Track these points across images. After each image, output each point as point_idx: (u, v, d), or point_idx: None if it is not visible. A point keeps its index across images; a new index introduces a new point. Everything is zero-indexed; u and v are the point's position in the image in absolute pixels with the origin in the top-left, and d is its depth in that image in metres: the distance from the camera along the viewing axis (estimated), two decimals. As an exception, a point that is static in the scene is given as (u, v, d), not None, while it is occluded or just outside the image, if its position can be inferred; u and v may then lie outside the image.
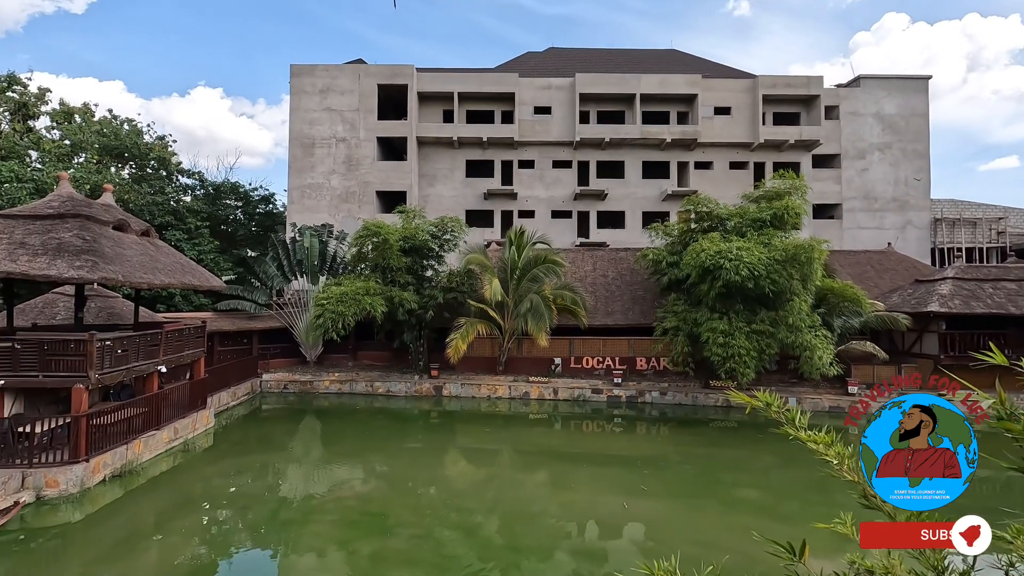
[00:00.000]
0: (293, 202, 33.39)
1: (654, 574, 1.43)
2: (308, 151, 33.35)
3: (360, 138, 33.36)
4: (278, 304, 25.84)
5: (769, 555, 1.63)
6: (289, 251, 26.11)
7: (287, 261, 25.95)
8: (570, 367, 24.18)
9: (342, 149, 33.38)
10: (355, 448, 16.48)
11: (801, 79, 34.65)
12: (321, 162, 33.34)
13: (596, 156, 34.59)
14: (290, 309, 25.51)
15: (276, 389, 23.27)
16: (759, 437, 17.20)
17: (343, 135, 33.39)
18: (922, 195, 35.43)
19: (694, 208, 22.32)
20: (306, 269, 25.71)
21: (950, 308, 20.48)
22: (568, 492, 13.04)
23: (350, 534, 10.52)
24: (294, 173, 33.38)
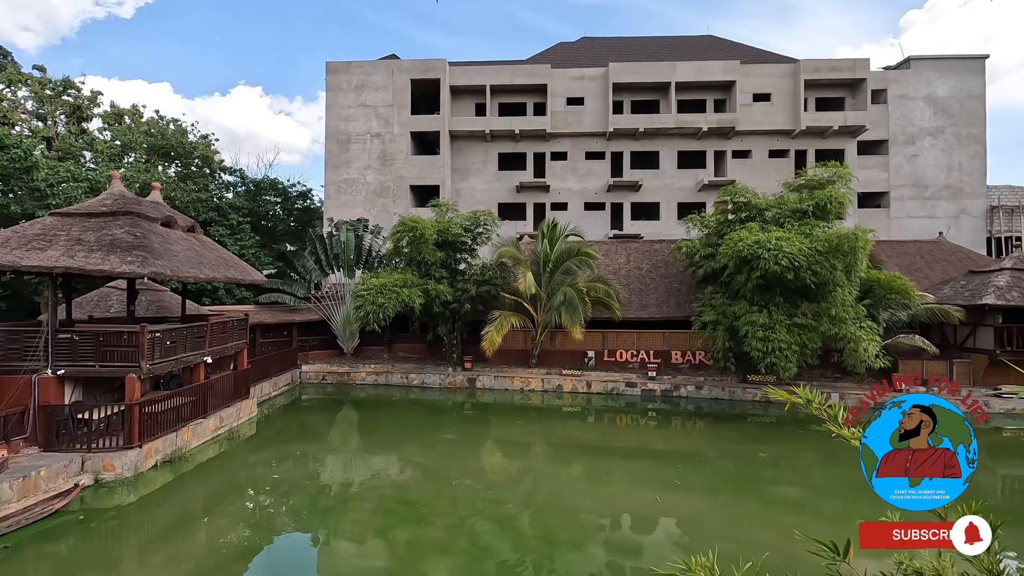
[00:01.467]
0: (330, 197, 34.08)
1: (692, 569, 1.41)
2: (344, 147, 33.95)
3: (394, 133, 33.75)
4: (316, 297, 26.49)
5: (811, 554, 1.59)
6: (326, 245, 26.71)
7: (324, 255, 26.56)
8: (603, 360, 24.02)
9: (376, 144, 33.84)
10: (391, 438, 16.80)
11: (846, 62, 33.25)
12: (356, 158, 33.89)
13: (630, 147, 34.07)
14: (327, 302, 26.12)
15: (315, 380, 23.90)
16: (800, 433, 16.75)
17: (377, 130, 33.84)
18: (978, 181, 33.61)
19: (731, 198, 21.77)
20: (342, 263, 26.27)
21: (1008, 300, 19.44)
22: (602, 485, 13.00)
23: (387, 522, 10.75)
24: (330, 169, 34.05)
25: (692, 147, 33.85)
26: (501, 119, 33.74)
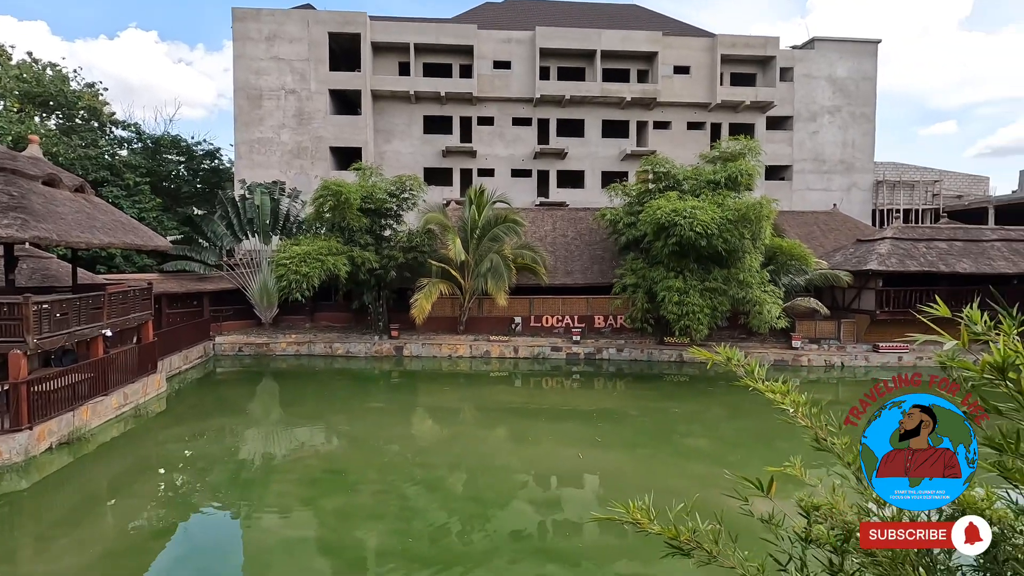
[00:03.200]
0: (241, 157, 31.79)
1: (630, 512, 1.51)
2: (255, 103, 31.59)
3: (311, 90, 31.79)
4: (229, 265, 24.94)
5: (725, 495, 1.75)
6: (239, 209, 25.01)
7: (237, 220, 24.90)
8: (530, 326, 24.53)
9: (292, 102, 31.77)
10: (315, 409, 16.40)
11: (759, 40, 34.85)
12: (270, 115, 31.69)
13: (556, 114, 34.17)
14: (242, 270, 24.67)
15: (231, 352, 22.71)
16: (710, 390, 18.07)
17: (293, 87, 31.72)
18: (867, 158, 36.80)
19: (652, 168, 22.54)
20: (257, 228, 24.77)
21: (887, 266, 21.69)
22: (528, 446, 13.46)
23: (313, 492, 10.59)
24: (241, 127, 31.66)
25: (616, 116, 34.48)
26: (426, 80, 32.64)
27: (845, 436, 1.63)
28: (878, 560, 1.49)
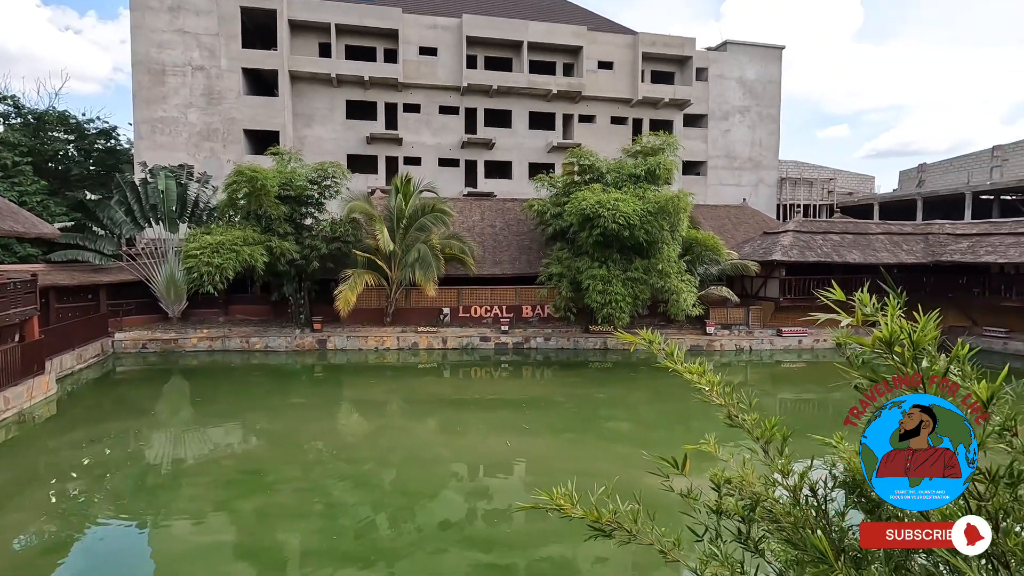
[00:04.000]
0: (142, 138, 29.24)
1: (553, 499, 1.54)
2: (158, 79, 29.11)
3: (222, 68, 29.70)
4: (129, 255, 22.94)
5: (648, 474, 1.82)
6: (140, 194, 22.99)
7: (138, 206, 22.89)
8: (459, 316, 24.43)
9: (200, 79, 29.55)
10: (231, 407, 15.51)
11: (677, 40, 36.34)
12: (175, 93, 29.32)
13: (484, 104, 34.02)
14: (145, 260, 22.75)
15: (133, 349, 20.97)
16: (632, 376, 18.83)
17: (201, 63, 29.49)
18: (773, 156, 39.51)
19: (577, 161, 23.02)
20: (162, 215, 22.90)
21: (789, 257, 23.48)
22: (457, 436, 13.45)
23: (229, 494, 10.03)
24: (141, 104, 29.08)
25: (543, 108, 34.84)
26: (349, 63, 31.43)
27: (754, 413, 1.74)
28: (782, 526, 1.61)
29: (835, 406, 15.08)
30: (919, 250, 24.81)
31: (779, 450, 1.70)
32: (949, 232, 25.58)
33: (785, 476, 1.67)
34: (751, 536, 1.64)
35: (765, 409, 1.80)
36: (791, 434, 1.77)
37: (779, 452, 1.70)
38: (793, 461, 1.71)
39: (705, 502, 1.75)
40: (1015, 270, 22.80)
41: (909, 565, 1.60)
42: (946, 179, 40.71)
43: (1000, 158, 37.91)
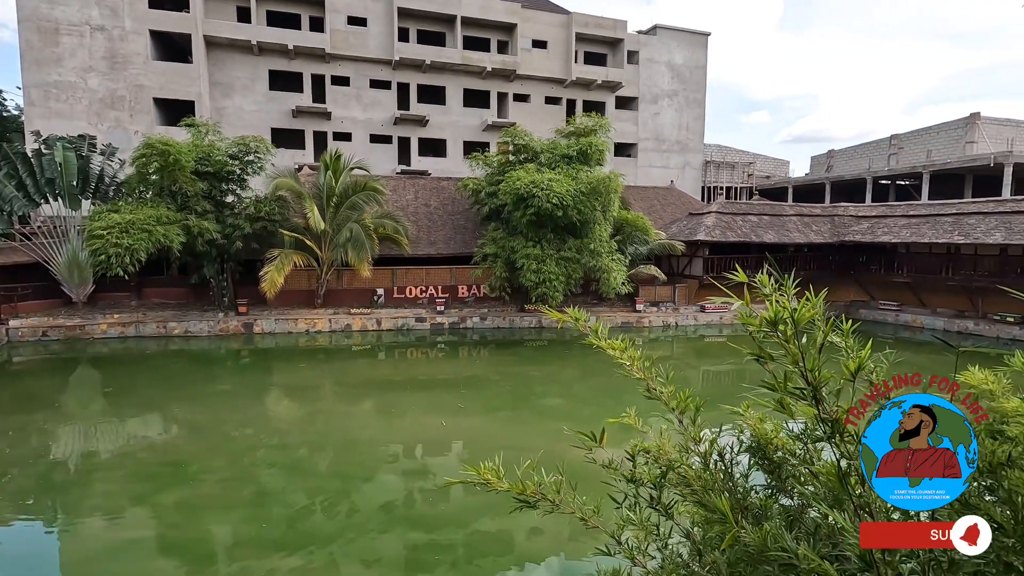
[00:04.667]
0: (34, 104, 26.39)
1: (481, 474, 1.60)
2: (50, 39, 26.24)
3: (126, 29, 27.17)
4: (24, 234, 20.85)
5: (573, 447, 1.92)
6: (33, 167, 20.81)
7: (31, 180, 20.71)
8: (393, 297, 24.04)
9: (101, 41, 26.92)
10: (148, 397, 14.60)
11: (609, 21, 36.76)
12: (71, 55, 26.57)
13: (417, 79, 33.15)
14: (43, 240, 20.74)
15: (31, 337, 19.22)
16: (566, 353, 19.33)
17: (100, 22, 26.83)
18: (699, 140, 41.12)
19: (512, 140, 23.03)
20: (61, 190, 20.86)
21: (712, 237, 24.70)
22: (393, 418, 13.37)
23: (148, 488, 9.52)
24: (31, 66, 26.17)
25: (477, 86, 34.40)
26: (271, 30, 29.62)
27: (671, 386, 1.87)
28: (694, 490, 1.75)
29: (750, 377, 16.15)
30: (826, 230, 26.79)
31: (692, 420, 1.85)
32: (852, 214, 27.76)
33: (697, 443, 1.82)
34: (662, 501, 1.78)
35: (689, 381, 1.93)
36: (703, 404, 1.92)
37: (692, 421, 1.84)
38: (705, 429, 1.86)
39: (623, 472, 1.87)
40: (906, 249, 25.14)
41: (802, 519, 1.79)
42: (851, 165, 43.98)
43: (896, 146, 41.38)
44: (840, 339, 1.44)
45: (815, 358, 1.31)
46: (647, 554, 1.75)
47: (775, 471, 1.94)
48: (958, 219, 22.75)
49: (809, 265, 26.59)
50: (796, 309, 1.31)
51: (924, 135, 40.09)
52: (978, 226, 21.74)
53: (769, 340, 1.37)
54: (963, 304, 23.18)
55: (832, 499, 1.49)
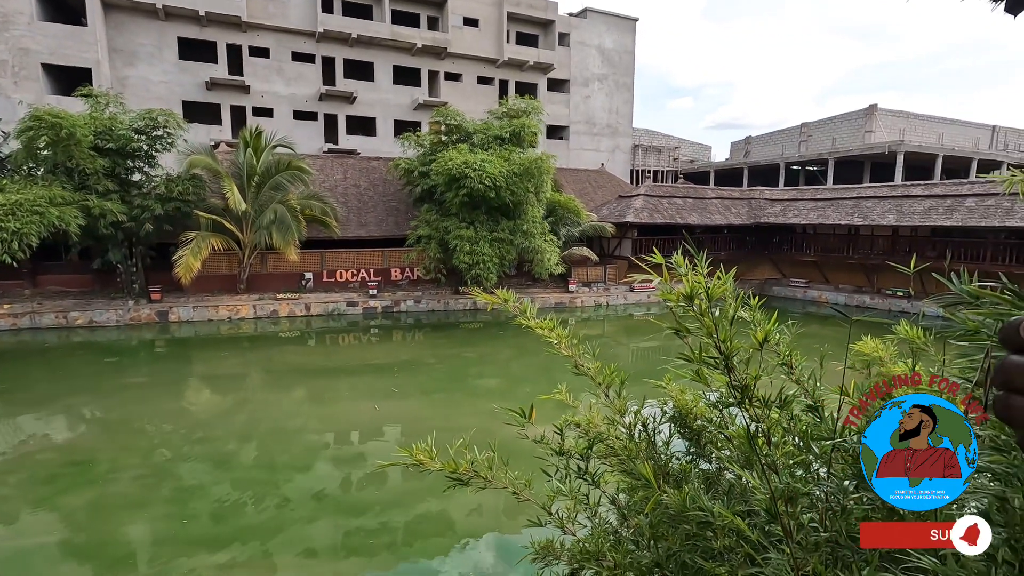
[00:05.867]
0: None
1: (413, 455, 1.59)
2: (-92, -10, 22.93)
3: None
4: None
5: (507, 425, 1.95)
6: None
7: None
8: (323, 281, 23.23)
9: (-26, -4, 23.82)
10: (48, 393, 13.38)
11: (540, 1, 36.66)
12: (-63, 10, 23.37)
13: (343, 53, 31.75)
14: (-90, 221, 18.31)
15: (-99, 331, 17.06)
16: (501, 334, 19.49)
17: (-27, -25, 23.72)
18: (628, 124, 42.14)
19: (444, 120, 22.64)
20: (-69, 166, 18.51)
21: (640, 219, 25.54)
22: (324, 405, 13.02)
23: (50, 490, 8.79)
24: None
25: (407, 63, 33.45)
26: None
27: (597, 362, 1.94)
28: (620, 459, 1.83)
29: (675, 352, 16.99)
30: (744, 213, 28.38)
31: (617, 393, 1.92)
32: (767, 197, 29.53)
33: (622, 415, 1.90)
34: (589, 471, 1.86)
35: (619, 358, 2.01)
36: (630, 379, 2.00)
37: (618, 395, 1.92)
38: (632, 402, 1.94)
39: (553, 446, 1.93)
40: (814, 230, 27.10)
41: (719, 481, 1.92)
42: (766, 150, 46.66)
43: (806, 134, 44.28)
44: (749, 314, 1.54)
45: (726, 330, 1.40)
46: (577, 523, 1.82)
47: (695, 438, 2.07)
48: (857, 202, 24.75)
49: (729, 245, 28.11)
50: (710, 285, 1.39)
51: (830, 124, 43.13)
52: (874, 209, 23.75)
53: (687, 315, 1.44)
54: (861, 280, 25.36)
55: (744, 461, 1.61)
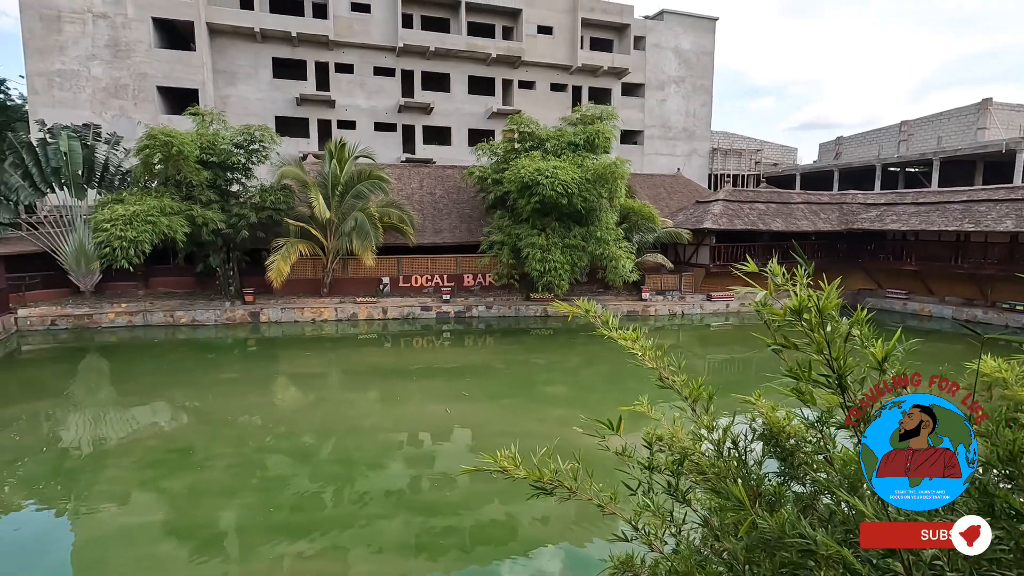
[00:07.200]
0: (37, 93, 26.36)
1: (498, 462, 1.58)
2: (52, 27, 26.15)
3: (128, 16, 27.02)
4: (30, 223, 20.92)
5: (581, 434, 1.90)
6: (39, 156, 20.83)
7: (37, 169, 20.74)
8: (399, 286, 24.06)
9: (104, 28, 26.80)
10: (156, 385, 14.71)
11: (615, 6, 36.29)
12: (74, 43, 26.48)
13: (421, 66, 32.89)
14: (50, 229, 20.83)
15: (40, 326, 19.35)
16: (571, 341, 19.32)
17: (103, 10, 26.69)
18: (705, 127, 40.71)
19: (517, 128, 22.86)
20: (67, 180, 20.91)
21: (719, 225, 24.54)
22: (398, 406, 13.42)
23: (155, 473, 9.62)
24: (34, 55, 26.10)
25: (482, 73, 34.11)
26: (274, 17, 29.40)
27: (683, 375, 1.85)
28: (708, 477, 1.73)
29: (757, 364, 16.16)
30: (835, 218, 26.56)
31: (705, 408, 1.83)
32: (860, 202, 27.49)
33: (710, 431, 1.80)
34: (679, 488, 1.77)
35: (695, 370, 1.91)
36: (715, 393, 1.90)
37: (705, 410, 1.82)
38: (718, 417, 1.84)
39: (638, 459, 1.86)
40: (915, 237, 24.89)
41: (815, 506, 1.77)
42: (859, 151, 43.49)
43: (906, 132, 40.85)
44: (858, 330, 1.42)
45: (841, 347, 1.29)
46: (663, 540, 1.74)
47: (787, 458, 1.92)
48: (968, 206, 22.49)
49: (818, 253, 26.40)
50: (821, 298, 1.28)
51: (934, 121, 39.55)
52: (988, 213, 21.49)
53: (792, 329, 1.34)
54: (971, 292, 22.99)
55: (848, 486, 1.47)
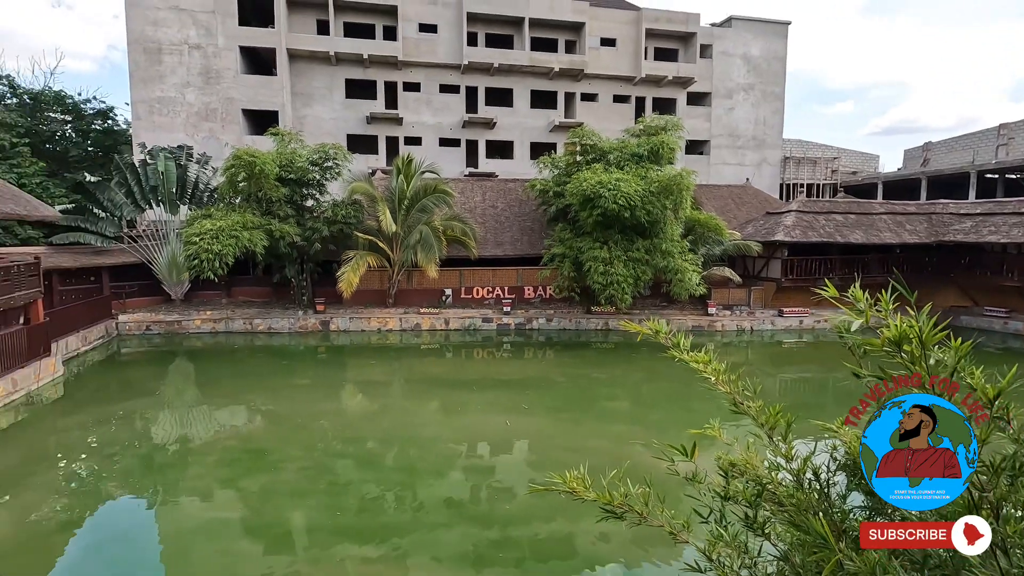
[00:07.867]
0: (140, 118, 28.98)
1: (567, 482, 1.57)
2: (154, 58, 28.74)
3: (219, 46, 29.29)
4: (131, 237, 22.92)
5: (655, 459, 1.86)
6: (140, 176, 22.86)
7: (138, 187, 22.77)
8: (460, 297, 24.48)
9: (197, 58, 29.17)
10: (235, 388, 15.66)
11: (680, 15, 35.68)
12: (172, 72, 28.97)
13: (484, 82, 33.59)
14: (147, 242, 22.75)
15: (137, 331, 21.10)
16: (633, 356, 18.92)
17: (197, 41, 29.08)
18: (776, 135, 39.08)
19: (579, 140, 22.83)
20: (162, 197, 22.81)
21: (792, 237, 23.39)
22: (458, 416, 13.59)
23: (234, 472, 10.20)
24: (138, 84, 28.76)
25: (544, 87, 34.40)
26: (347, 40, 30.95)
27: (759, 400, 1.78)
28: (786, 509, 1.65)
29: (835, 387, 15.20)
30: (922, 230, 24.70)
31: (783, 436, 1.74)
32: (952, 212, 25.42)
33: (789, 461, 1.71)
34: (757, 520, 1.69)
35: (766, 390, 1.83)
36: (794, 420, 1.81)
37: (783, 438, 1.74)
38: (795, 444, 1.75)
39: (710, 485, 1.79)
40: (1017, 250, 22.72)
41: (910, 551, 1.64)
42: (950, 158, 40.32)
43: (1006, 136, 37.48)
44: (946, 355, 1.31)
45: (945, 382, 1.20)
46: (737, 573, 1.66)
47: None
48: (1082, 216, 20.30)
49: (902, 267, 24.59)
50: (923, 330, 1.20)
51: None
52: (1107, 224, 19.30)
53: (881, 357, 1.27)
54: (1087, 312, 20.65)
55: (948, 529, 1.35)
